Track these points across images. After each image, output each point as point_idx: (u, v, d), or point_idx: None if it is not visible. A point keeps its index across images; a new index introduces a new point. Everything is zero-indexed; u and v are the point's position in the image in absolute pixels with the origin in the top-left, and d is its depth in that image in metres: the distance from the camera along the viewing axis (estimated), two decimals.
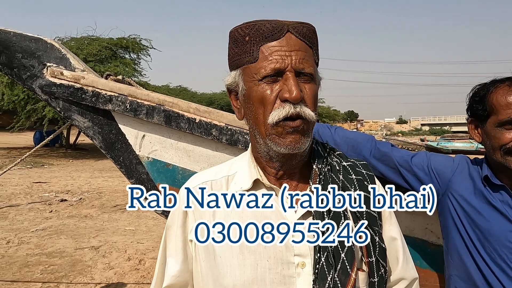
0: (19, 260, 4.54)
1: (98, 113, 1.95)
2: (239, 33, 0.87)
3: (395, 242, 0.98)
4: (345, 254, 0.85)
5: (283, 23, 0.85)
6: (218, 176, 0.98)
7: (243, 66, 0.87)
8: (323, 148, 0.99)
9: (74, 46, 15.78)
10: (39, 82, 1.90)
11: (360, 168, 0.98)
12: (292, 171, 0.93)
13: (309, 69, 0.84)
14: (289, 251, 0.86)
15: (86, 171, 12.41)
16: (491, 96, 1.29)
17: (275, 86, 0.83)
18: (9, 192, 8.32)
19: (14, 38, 1.86)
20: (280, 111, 0.82)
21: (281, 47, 0.83)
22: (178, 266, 0.95)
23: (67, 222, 6.21)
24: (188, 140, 1.91)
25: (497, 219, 1.28)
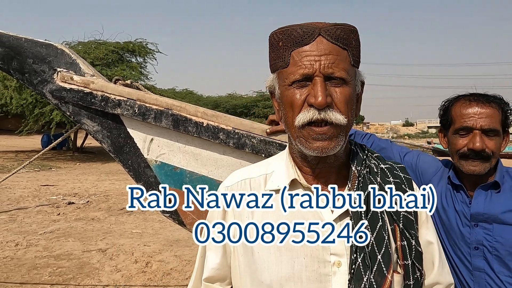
0: (27, 262, 4.58)
1: (107, 117, 1.98)
2: (274, 38, 0.90)
3: (431, 246, 0.98)
4: (382, 255, 0.86)
5: (315, 26, 0.85)
6: (256, 174, 1.00)
7: (278, 71, 0.91)
8: (361, 149, 0.99)
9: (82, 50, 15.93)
10: (50, 87, 1.94)
11: (398, 171, 0.99)
12: (329, 171, 0.94)
13: (340, 73, 0.84)
14: (326, 250, 0.88)
15: (93, 174, 12.49)
16: (452, 108, 1.48)
17: (303, 91, 0.85)
18: (17, 195, 8.40)
19: (25, 44, 1.90)
20: (305, 115, 0.84)
21: (311, 52, 0.84)
22: (217, 260, 0.98)
23: (75, 225, 6.26)
24: (196, 144, 1.93)
25: (455, 216, 1.46)
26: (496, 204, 1.39)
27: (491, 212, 1.38)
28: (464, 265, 1.42)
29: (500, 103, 1.43)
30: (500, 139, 1.42)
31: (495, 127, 1.39)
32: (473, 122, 1.40)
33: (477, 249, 1.40)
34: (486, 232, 1.39)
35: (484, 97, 1.43)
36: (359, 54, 0.91)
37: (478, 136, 1.39)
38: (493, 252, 1.37)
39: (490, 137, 1.39)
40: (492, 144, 1.39)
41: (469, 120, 1.40)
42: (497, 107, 1.41)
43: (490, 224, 1.38)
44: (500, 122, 1.41)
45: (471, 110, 1.41)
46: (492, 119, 1.39)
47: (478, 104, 1.41)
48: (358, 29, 0.90)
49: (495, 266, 1.36)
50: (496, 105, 1.41)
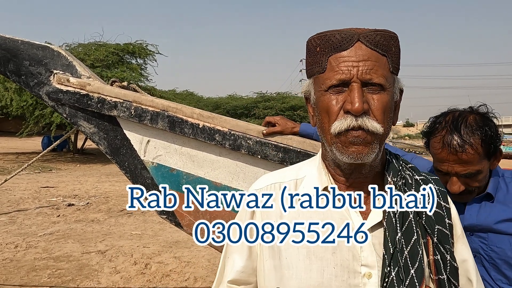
0: (27, 264, 4.58)
1: (103, 119, 1.98)
2: (312, 43, 0.89)
3: (467, 262, 0.96)
4: (415, 270, 0.84)
5: (354, 32, 0.84)
6: (286, 179, 0.98)
7: (314, 76, 0.89)
8: (397, 160, 0.97)
9: (82, 52, 15.95)
10: (46, 89, 1.94)
11: (433, 183, 0.96)
12: (363, 181, 0.91)
13: (378, 79, 0.82)
14: (356, 261, 0.86)
15: (93, 176, 12.50)
16: (431, 141, 1.39)
17: (340, 97, 0.83)
18: (17, 197, 8.41)
19: (22, 46, 1.90)
20: (341, 123, 0.82)
21: (349, 58, 0.82)
22: (242, 262, 0.96)
23: (74, 227, 6.26)
24: (192, 145, 1.93)
25: None
26: (489, 215, 1.36)
27: (485, 223, 1.36)
28: None
29: (481, 136, 1.30)
30: (483, 173, 1.34)
31: (471, 171, 1.31)
32: (447, 168, 1.33)
33: (475, 257, 1.38)
34: (482, 241, 1.37)
35: (460, 137, 1.29)
36: (398, 61, 0.89)
37: (454, 180, 1.33)
38: (490, 260, 1.35)
39: (469, 177, 1.32)
40: (472, 182, 1.33)
41: (443, 165, 1.34)
42: (475, 147, 1.29)
43: (485, 233, 1.36)
44: (481, 159, 1.31)
45: (444, 155, 1.32)
46: (468, 165, 1.30)
47: (451, 149, 1.30)
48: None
49: (493, 274, 1.35)
50: (473, 145, 1.29)
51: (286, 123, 1.81)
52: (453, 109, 1.42)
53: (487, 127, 1.31)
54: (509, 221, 1.33)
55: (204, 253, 4.99)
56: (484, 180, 1.36)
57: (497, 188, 1.38)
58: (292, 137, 1.76)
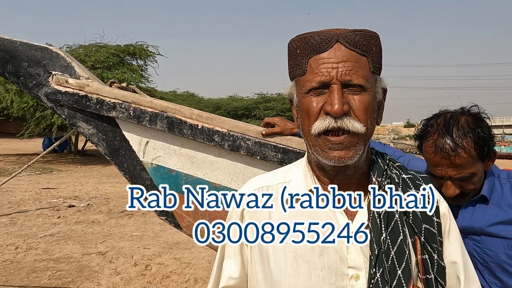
0: (27, 265, 4.58)
1: (102, 120, 1.97)
2: (293, 46, 0.89)
3: (456, 261, 0.94)
4: (402, 270, 0.84)
5: (333, 33, 0.84)
6: (274, 182, 0.98)
7: (296, 79, 0.89)
8: (382, 159, 0.96)
9: (82, 53, 15.97)
10: (45, 90, 1.93)
11: (420, 182, 0.95)
12: (349, 182, 0.91)
13: (358, 80, 0.82)
14: (344, 263, 0.86)
15: (94, 177, 12.50)
16: (423, 145, 1.37)
17: (320, 99, 0.84)
18: (18, 198, 8.41)
19: (20, 47, 1.90)
20: (321, 123, 0.82)
21: (328, 59, 0.82)
22: (235, 268, 0.97)
23: (75, 228, 6.26)
24: (191, 146, 1.92)
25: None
26: (483, 217, 1.34)
27: (478, 226, 1.34)
28: None
29: (473, 138, 1.27)
30: (478, 176, 1.32)
31: (465, 175, 1.29)
32: (441, 172, 1.31)
33: None
34: (475, 244, 1.35)
35: (452, 141, 1.27)
36: (380, 60, 0.88)
37: (448, 184, 1.31)
38: (483, 264, 1.33)
39: (464, 180, 1.30)
40: (467, 185, 1.31)
41: (437, 169, 1.32)
42: (468, 150, 1.26)
43: (479, 236, 1.34)
44: (475, 161, 1.29)
45: (437, 159, 1.30)
46: (461, 168, 1.28)
47: (444, 153, 1.27)
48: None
49: (487, 277, 1.33)
50: (466, 149, 1.26)
51: (285, 124, 1.81)
52: (445, 110, 1.40)
53: (480, 129, 1.29)
54: (502, 224, 1.31)
55: (205, 254, 4.98)
56: (479, 182, 1.34)
57: (492, 190, 1.36)
58: (291, 138, 1.76)
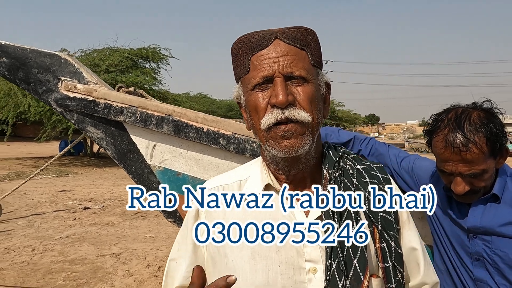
0: (43, 267, 4.68)
1: (110, 124, 2.00)
2: (235, 48, 0.91)
3: (415, 247, 0.96)
4: (358, 260, 0.84)
5: (272, 31, 0.87)
6: (230, 181, 1.00)
7: (241, 79, 0.91)
8: (335, 152, 0.98)
9: (97, 58, 16.21)
10: (54, 95, 1.98)
11: (376, 171, 0.97)
12: (302, 176, 0.93)
13: (299, 72, 0.85)
14: (301, 257, 0.87)
15: (109, 179, 12.68)
16: (433, 140, 1.34)
17: (266, 93, 0.85)
18: (35, 201, 8.59)
19: (30, 54, 1.94)
20: (269, 117, 0.84)
21: (269, 55, 0.85)
22: (189, 267, 0.96)
23: (90, 230, 6.36)
24: (197, 149, 1.94)
25: (454, 225, 1.40)
26: (494, 217, 1.31)
27: (489, 225, 1.31)
28: (468, 275, 1.37)
29: (485, 134, 1.24)
30: (489, 173, 1.28)
31: (476, 171, 1.25)
32: (451, 168, 1.28)
33: (478, 260, 1.34)
34: (485, 244, 1.32)
35: (463, 135, 1.24)
36: (319, 55, 0.91)
37: (458, 180, 1.28)
38: (493, 264, 1.30)
39: (474, 177, 1.27)
40: (477, 182, 1.28)
41: (446, 165, 1.29)
42: (479, 146, 1.23)
43: (489, 236, 1.31)
44: (486, 157, 1.25)
45: (447, 155, 1.27)
46: (473, 164, 1.25)
47: (454, 148, 1.24)
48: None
49: (497, 278, 1.30)
50: (477, 144, 1.23)
51: None
52: (456, 105, 1.37)
53: (492, 124, 1.25)
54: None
55: None
56: (489, 180, 1.31)
57: (504, 189, 1.32)
58: None
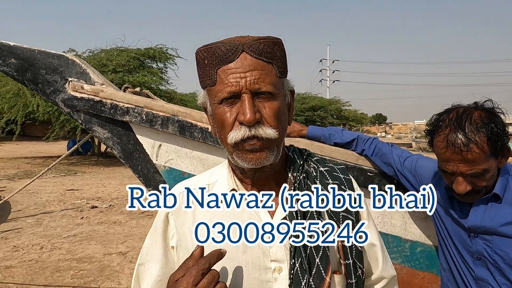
0: (51, 265, 4.74)
1: (116, 124, 2.03)
2: (200, 56, 0.89)
3: (374, 244, 1.01)
4: (320, 258, 0.88)
5: (238, 43, 0.86)
6: (199, 185, 1.01)
7: (207, 88, 0.90)
8: (299, 155, 1.01)
9: (104, 58, 16.31)
10: (62, 96, 2.01)
11: (338, 173, 1.00)
12: (267, 180, 0.95)
13: (266, 88, 0.84)
14: (266, 257, 0.90)
15: (116, 178, 12.77)
16: (434, 140, 1.35)
17: (233, 108, 0.85)
18: (44, 200, 8.69)
19: (38, 55, 1.98)
20: (236, 133, 0.85)
21: (236, 69, 0.84)
22: (160, 271, 0.97)
23: (97, 228, 6.42)
24: (202, 149, 1.95)
25: (455, 224, 1.42)
26: (495, 216, 1.31)
27: (490, 225, 1.31)
28: (470, 274, 1.38)
29: (487, 134, 1.24)
30: (490, 172, 1.28)
31: (477, 171, 1.26)
32: (452, 167, 1.28)
33: (480, 260, 1.35)
34: (486, 244, 1.32)
35: (464, 135, 1.24)
36: (285, 64, 0.91)
37: (460, 180, 1.28)
38: (494, 264, 1.31)
39: (476, 177, 1.27)
40: (479, 181, 1.28)
41: (448, 165, 1.29)
42: (480, 146, 1.23)
43: (490, 236, 1.32)
44: (488, 157, 1.25)
45: (448, 155, 1.27)
46: (474, 164, 1.25)
47: (455, 148, 1.25)
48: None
49: (498, 277, 1.30)
50: (478, 144, 1.23)
51: (294, 126, 1.81)
52: (457, 105, 1.37)
53: (493, 124, 1.25)
54: None
55: None
56: (491, 179, 1.31)
57: (505, 188, 1.32)
58: (300, 140, 1.76)
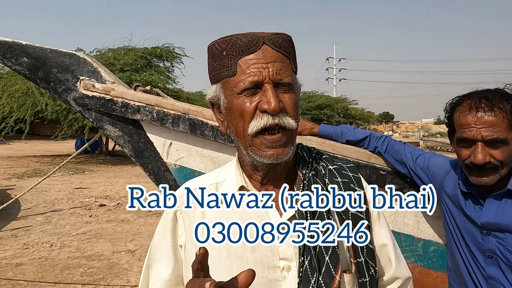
0: (61, 262, 4.78)
1: (127, 122, 2.04)
2: (217, 48, 0.89)
3: (386, 243, 0.99)
4: (329, 257, 0.87)
5: (259, 35, 0.87)
6: (207, 183, 1.00)
7: (223, 80, 0.89)
8: (308, 153, 1.00)
9: (112, 57, 16.40)
10: (73, 94, 2.02)
11: (347, 171, 0.99)
12: (277, 178, 0.94)
13: (287, 79, 0.85)
14: (275, 255, 0.88)
15: (124, 177, 12.85)
16: (454, 114, 1.35)
17: (254, 98, 0.85)
18: (53, 198, 8.77)
19: (50, 54, 1.99)
20: (258, 122, 0.84)
21: (258, 60, 0.84)
22: (169, 271, 0.96)
23: (105, 226, 6.47)
24: (213, 147, 1.95)
25: (467, 222, 1.39)
26: (509, 213, 1.28)
27: (503, 222, 1.28)
28: (480, 273, 1.36)
29: (509, 104, 1.25)
30: (509, 147, 1.26)
31: (499, 137, 1.24)
32: (474, 133, 1.26)
33: (491, 258, 1.32)
34: (499, 241, 1.30)
35: (488, 101, 1.26)
36: (296, 62, 0.93)
37: (480, 148, 1.26)
38: (506, 262, 1.29)
39: (495, 147, 1.25)
40: (498, 154, 1.25)
41: (468, 131, 1.27)
42: (504, 112, 1.24)
43: (503, 233, 1.29)
44: (509, 128, 1.25)
45: (470, 118, 1.27)
46: (496, 128, 1.23)
47: (479, 111, 1.25)
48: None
49: (510, 276, 1.28)
50: (502, 109, 1.24)
51: (305, 124, 1.80)
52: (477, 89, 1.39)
53: None
54: None
55: None
56: (509, 159, 1.28)
57: None
58: (311, 138, 1.76)
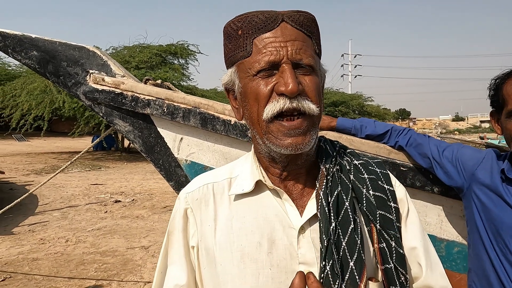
0: (76, 258, 4.81)
1: (137, 117, 1.99)
2: (232, 27, 0.81)
3: (415, 245, 0.87)
4: (354, 262, 0.76)
5: (277, 12, 0.78)
6: (220, 178, 0.92)
7: (238, 62, 0.81)
8: (331, 146, 0.90)
9: (127, 54, 16.55)
10: (83, 88, 1.98)
11: (374, 167, 0.89)
12: (298, 172, 0.85)
13: (308, 60, 0.76)
14: (294, 259, 0.79)
15: (139, 173, 12.94)
16: (503, 87, 1.27)
17: (270, 80, 0.76)
18: (69, 194, 8.88)
19: (59, 47, 1.95)
20: (274, 105, 0.75)
21: (275, 38, 0.76)
22: (182, 273, 0.88)
23: (120, 222, 6.50)
24: (225, 142, 1.89)
25: (508, 213, 1.27)
26: None
27: None
28: None
29: None
30: None
31: None
32: None
33: None
34: None
35: None
36: (320, 44, 0.83)
37: None
38: None
39: None
40: None
41: None
42: None
43: None
44: None
45: None
46: None
47: None
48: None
49: None
50: None
51: (322, 118, 1.73)
52: None
53: None
54: None
55: None
56: None
57: None
58: (328, 133, 1.68)
